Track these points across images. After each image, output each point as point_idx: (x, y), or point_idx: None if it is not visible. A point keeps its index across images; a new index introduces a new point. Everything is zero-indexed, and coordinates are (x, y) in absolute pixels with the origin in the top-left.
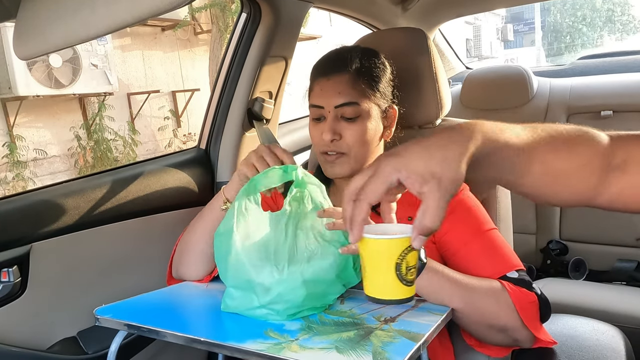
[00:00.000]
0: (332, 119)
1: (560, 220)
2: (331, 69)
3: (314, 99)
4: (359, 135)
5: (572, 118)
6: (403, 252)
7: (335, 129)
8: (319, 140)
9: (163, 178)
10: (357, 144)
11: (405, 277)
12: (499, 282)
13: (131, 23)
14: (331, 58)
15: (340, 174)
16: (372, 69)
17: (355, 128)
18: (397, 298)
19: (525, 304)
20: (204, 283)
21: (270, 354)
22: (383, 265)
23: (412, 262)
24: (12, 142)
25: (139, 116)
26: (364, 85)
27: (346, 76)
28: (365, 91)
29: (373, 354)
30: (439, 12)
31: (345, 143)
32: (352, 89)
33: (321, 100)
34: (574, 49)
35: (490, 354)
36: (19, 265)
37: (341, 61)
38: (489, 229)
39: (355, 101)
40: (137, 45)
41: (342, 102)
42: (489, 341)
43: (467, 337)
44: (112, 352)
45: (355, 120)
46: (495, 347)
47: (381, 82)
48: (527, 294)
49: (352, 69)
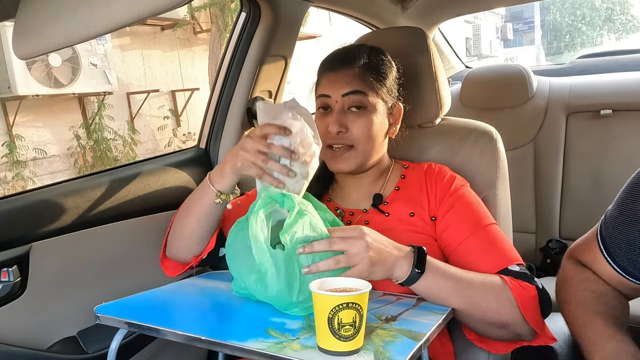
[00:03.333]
0: (338, 111)
1: (560, 219)
2: (339, 63)
3: (321, 90)
4: (365, 128)
5: (571, 117)
6: (334, 309)
7: (342, 121)
8: (326, 132)
9: (163, 177)
10: (364, 137)
11: (337, 332)
12: (499, 278)
13: (130, 22)
14: (339, 54)
15: (345, 169)
16: (379, 65)
17: (362, 121)
18: (331, 350)
19: (527, 300)
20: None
21: (271, 352)
22: (319, 317)
23: (347, 320)
24: (11, 142)
25: (139, 115)
26: (371, 78)
27: (354, 70)
28: (373, 84)
29: (374, 353)
30: (438, 11)
31: (352, 135)
32: (360, 80)
33: (328, 90)
34: (574, 47)
35: (491, 349)
36: (19, 264)
37: (349, 57)
38: (489, 224)
39: (362, 90)
40: (136, 45)
41: (350, 90)
42: (490, 336)
43: (467, 332)
44: (112, 351)
45: (361, 112)
46: (496, 342)
47: (388, 78)
48: (528, 289)
49: (359, 63)
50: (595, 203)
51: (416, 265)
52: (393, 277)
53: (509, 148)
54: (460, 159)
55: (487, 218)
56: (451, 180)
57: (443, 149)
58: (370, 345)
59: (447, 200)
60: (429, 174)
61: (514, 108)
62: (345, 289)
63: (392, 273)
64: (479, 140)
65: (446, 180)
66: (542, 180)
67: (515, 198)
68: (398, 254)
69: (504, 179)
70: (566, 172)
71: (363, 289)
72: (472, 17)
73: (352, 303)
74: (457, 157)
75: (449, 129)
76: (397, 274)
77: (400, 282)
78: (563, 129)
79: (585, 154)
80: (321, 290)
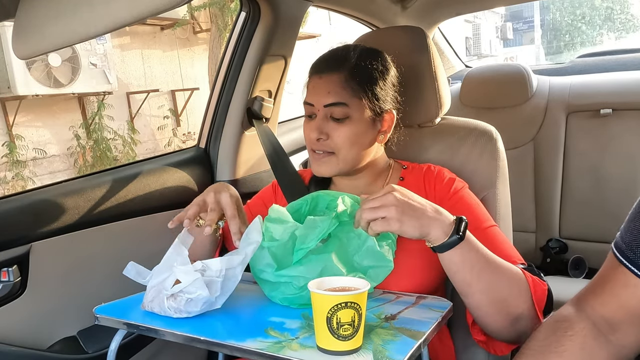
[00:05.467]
0: (320, 118)
1: (560, 218)
2: (325, 67)
3: (306, 97)
4: (346, 137)
5: (571, 116)
6: (332, 309)
7: (323, 129)
8: (308, 138)
9: (163, 177)
10: (345, 145)
11: (336, 332)
12: (520, 271)
13: (130, 22)
14: (328, 56)
15: (326, 173)
16: (368, 69)
17: (343, 129)
18: (330, 349)
19: (540, 294)
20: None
21: (270, 352)
22: (318, 316)
23: (346, 319)
24: (11, 142)
25: (139, 115)
26: (356, 85)
27: (338, 75)
28: (357, 92)
29: (373, 352)
30: (438, 10)
31: (332, 143)
32: (343, 89)
33: (312, 98)
34: (574, 47)
35: (493, 350)
36: (19, 264)
37: (336, 60)
38: (489, 226)
39: (344, 102)
40: (136, 44)
41: (331, 102)
42: (498, 329)
43: (474, 332)
44: (111, 351)
45: (343, 122)
46: (499, 343)
47: (377, 84)
48: (541, 283)
49: (345, 68)
50: (595, 202)
51: (456, 230)
52: (428, 238)
53: (509, 147)
54: (460, 159)
55: (487, 220)
56: (451, 182)
57: (443, 149)
58: (370, 344)
59: (446, 203)
60: (428, 176)
61: (514, 107)
62: (344, 288)
63: (427, 231)
64: (479, 140)
65: (445, 183)
66: (542, 179)
67: (515, 197)
68: (435, 215)
69: (503, 178)
70: (566, 172)
71: (362, 288)
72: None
73: (350, 302)
74: (456, 156)
75: (448, 129)
76: (434, 235)
77: (434, 246)
78: (563, 128)
79: (585, 153)
80: (320, 289)
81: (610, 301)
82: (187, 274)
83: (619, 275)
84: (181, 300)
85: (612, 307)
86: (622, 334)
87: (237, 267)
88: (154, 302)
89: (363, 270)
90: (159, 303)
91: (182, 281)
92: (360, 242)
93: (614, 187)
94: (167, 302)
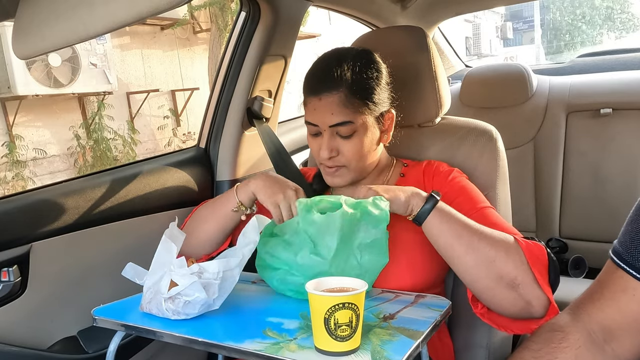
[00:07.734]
0: (328, 137)
1: (560, 218)
2: (322, 88)
3: (308, 116)
4: (356, 150)
5: (571, 116)
6: (330, 310)
7: (332, 147)
8: (318, 154)
9: (163, 177)
10: (355, 158)
11: (334, 333)
12: (511, 236)
13: (130, 22)
14: (321, 75)
15: (341, 184)
16: (365, 81)
17: (352, 144)
18: (328, 350)
19: (536, 258)
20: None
21: (269, 354)
22: (315, 317)
23: (343, 320)
24: (11, 142)
25: (139, 115)
26: (357, 101)
27: (338, 95)
28: (359, 107)
29: (372, 352)
30: (438, 10)
31: (343, 158)
32: (345, 107)
33: (316, 119)
34: (574, 46)
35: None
36: (19, 264)
37: (332, 80)
38: (485, 207)
39: (349, 120)
40: (136, 44)
41: (337, 122)
42: (497, 301)
43: (474, 305)
44: (110, 352)
45: (351, 137)
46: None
47: (375, 92)
48: (537, 247)
49: (343, 86)
50: (595, 202)
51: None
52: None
53: (509, 147)
54: (460, 158)
55: (481, 201)
56: (449, 171)
57: (443, 148)
58: (368, 344)
59: (443, 189)
60: (427, 170)
61: (514, 107)
62: (342, 289)
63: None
64: (479, 140)
65: (443, 173)
66: (542, 179)
67: (515, 197)
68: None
69: (503, 178)
70: (566, 171)
71: (359, 288)
72: (472, 16)
73: (348, 303)
74: (456, 156)
75: (448, 128)
76: (413, 204)
77: (414, 216)
78: (563, 128)
79: (585, 152)
80: (317, 290)
81: (608, 306)
82: (184, 277)
83: (617, 280)
84: (179, 303)
85: (610, 313)
86: (617, 343)
87: (235, 269)
88: (152, 303)
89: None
90: (156, 305)
91: (179, 284)
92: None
93: (614, 187)
94: (165, 304)
